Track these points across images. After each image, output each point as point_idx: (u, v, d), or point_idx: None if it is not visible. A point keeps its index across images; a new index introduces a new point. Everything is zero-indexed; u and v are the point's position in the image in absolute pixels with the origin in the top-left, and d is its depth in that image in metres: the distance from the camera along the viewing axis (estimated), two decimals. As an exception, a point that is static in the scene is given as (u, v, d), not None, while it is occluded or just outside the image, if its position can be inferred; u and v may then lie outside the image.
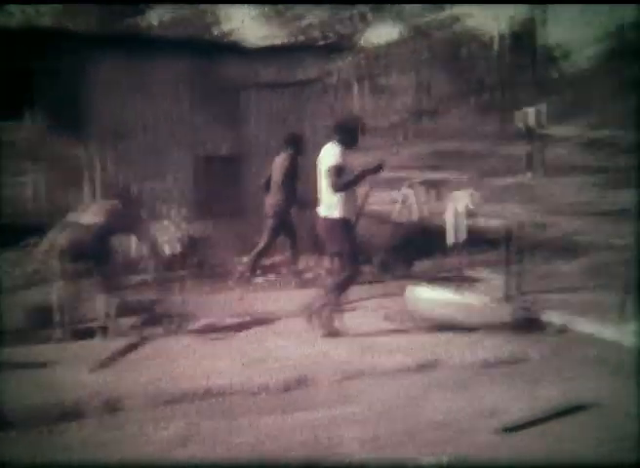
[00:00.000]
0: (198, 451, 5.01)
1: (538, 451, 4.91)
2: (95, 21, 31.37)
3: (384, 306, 9.06)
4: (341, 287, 7.94)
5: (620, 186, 22.86)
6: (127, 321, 8.17)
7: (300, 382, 6.37)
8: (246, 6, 58.73)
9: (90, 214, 8.02)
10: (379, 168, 8.14)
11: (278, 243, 11.19)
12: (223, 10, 60.02)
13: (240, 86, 12.18)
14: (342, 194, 7.74)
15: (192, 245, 11.48)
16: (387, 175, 25.97)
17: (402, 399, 5.89)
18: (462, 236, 9.79)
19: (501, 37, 56.85)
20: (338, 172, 7.66)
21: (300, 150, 10.81)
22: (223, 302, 9.38)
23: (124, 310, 8.31)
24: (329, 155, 7.83)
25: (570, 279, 10.75)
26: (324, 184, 7.85)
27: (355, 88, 68.53)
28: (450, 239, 10.07)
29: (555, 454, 4.87)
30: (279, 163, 10.67)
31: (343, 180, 7.70)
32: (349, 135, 7.97)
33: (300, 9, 60.70)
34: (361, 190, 8.49)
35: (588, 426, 5.27)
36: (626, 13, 68.04)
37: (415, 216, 16.49)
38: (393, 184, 22.08)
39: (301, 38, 57.10)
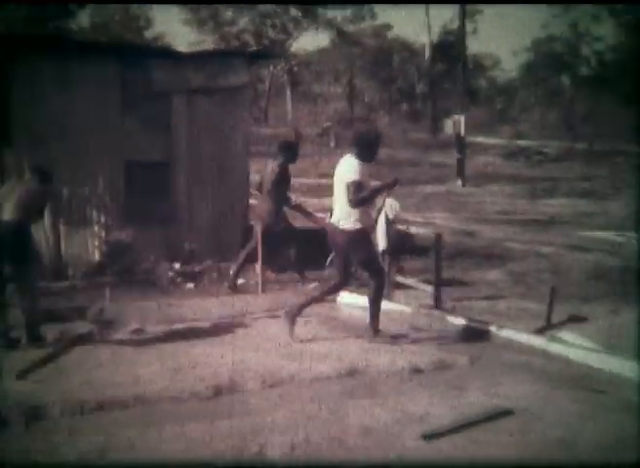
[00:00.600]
0: (124, 459, 4.95)
1: (463, 457, 4.95)
2: (21, 23, 30.90)
3: (316, 313, 9.06)
4: (375, 298, 7.98)
5: (548, 195, 23.29)
6: (53, 327, 8.04)
7: (230, 389, 6.34)
8: (177, 10, 58.53)
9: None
10: (395, 182, 8.16)
11: (207, 249, 11.16)
12: (155, 14, 59.63)
13: (171, 91, 12.10)
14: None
15: (121, 250, 11.37)
16: (319, 182, 26.11)
17: (330, 405, 5.89)
18: (390, 242, 9.85)
19: (432, 46, 57.45)
20: (357, 188, 7.62)
21: (292, 158, 10.82)
22: (153, 308, 9.29)
23: (50, 316, 8.19)
24: (348, 170, 7.78)
25: (497, 286, 10.89)
26: (341, 197, 7.79)
27: (288, 94, 68.67)
28: (380, 245, 10.12)
29: (480, 460, 4.91)
30: (270, 169, 10.67)
31: (362, 196, 7.67)
32: (368, 149, 7.92)
33: (231, 13, 60.63)
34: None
35: (514, 432, 5.32)
36: (554, 23, 69.30)
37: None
38: (325, 191, 22.20)
39: (233, 43, 57.12)
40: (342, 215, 7.78)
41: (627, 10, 63.92)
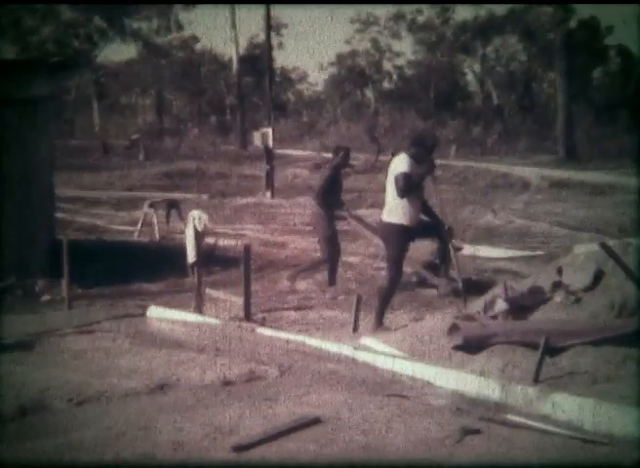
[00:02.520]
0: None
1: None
2: None
3: (124, 328, 8.95)
4: (381, 294, 8.77)
5: (354, 206, 23.84)
6: None
7: (35, 408, 6.17)
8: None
9: None
10: (432, 166, 9.02)
11: (10, 265, 10.80)
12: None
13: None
14: (406, 202, 8.49)
15: None
16: (127, 195, 25.75)
17: (140, 421, 5.83)
18: (200, 255, 9.85)
19: (240, 59, 57.75)
20: (405, 178, 8.41)
21: (345, 162, 10.78)
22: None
23: None
24: (397, 165, 8.55)
25: (306, 296, 11.07)
26: (388, 191, 8.56)
27: (95, 106, 67.26)
28: (190, 258, 10.09)
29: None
30: (321, 172, 10.59)
31: (409, 182, 8.45)
32: (423, 150, 8.73)
33: (34, 22, 58.86)
34: None
35: (323, 439, 5.43)
36: (357, 39, 71.16)
37: (156, 236, 16.46)
38: (133, 204, 21.92)
39: (36, 53, 55.42)
40: (385, 209, 8.68)
41: (423, 27, 66.56)
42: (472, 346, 7.19)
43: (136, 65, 70.99)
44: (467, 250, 15.01)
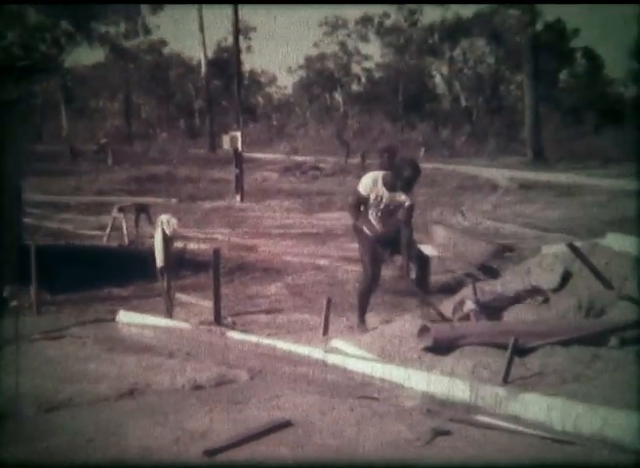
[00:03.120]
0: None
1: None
2: None
3: (93, 333, 8.91)
4: (357, 299, 9.06)
5: (324, 209, 23.91)
6: None
7: (4, 415, 6.10)
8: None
9: None
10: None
11: None
12: None
13: None
14: (369, 214, 8.90)
15: None
16: (96, 200, 25.61)
17: (110, 426, 5.80)
18: (169, 259, 9.82)
19: (208, 62, 57.65)
20: (354, 195, 8.96)
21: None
22: None
23: None
24: (362, 180, 8.96)
25: (276, 299, 11.07)
26: None
27: (62, 109, 66.87)
28: (159, 262, 10.05)
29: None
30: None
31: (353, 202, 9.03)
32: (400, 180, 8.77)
33: None
34: None
35: (293, 443, 5.43)
36: (325, 42, 71.29)
37: (125, 240, 16.39)
38: (102, 209, 21.81)
39: (2, 57, 54.99)
40: None
41: (390, 30, 66.81)
42: (442, 347, 7.22)
43: (103, 69, 70.78)
44: (434, 251, 15.08)
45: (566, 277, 8.06)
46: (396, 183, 8.73)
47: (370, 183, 8.82)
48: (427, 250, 10.29)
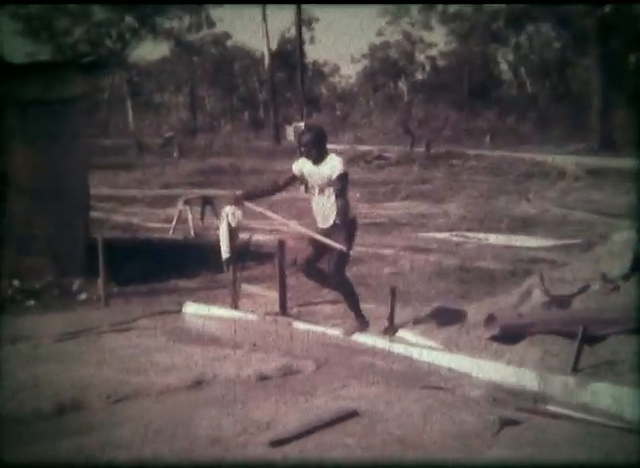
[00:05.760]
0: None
1: (311, 462, 5.01)
2: None
3: (161, 324, 8.99)
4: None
5: (388, 198, 23.80)
6: None
7: (74, 406, 6.21)
8: (9, 20, 56.87)
9: None
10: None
11: (47, 265, 10.90)
12: (-14, 24, 57.73)
13: (2, 103, 11.72)
14: None
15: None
16: (162, 193, 25.85)
17: (177, 417, 5.85)
18: (235, 250, 9.84)
19: (271, 54, 57.78)
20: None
21: None
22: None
23: None
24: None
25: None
26: None
27: (128, 104, 67.71)
28: (224, 254, 10.09)
29: (329, 463, 4.98)
30: None
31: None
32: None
33: (66, 23, 59.37)
34: None
35: (359, 433, 5.42)
36: (388, 30, 70.98)
37: (191, 232, 16.52)
38: (168, 201, 22.02)
39: (69, 53, 55.88)
40: None
41: (454, 17, 66.19)
42: (509, 336, 7.14)
43: (168, 63, 71.45)
44: (503, 239, 14.95)
45: (636, 264, 7.89)
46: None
47: (299, 163, 8.40)
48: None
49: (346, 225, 8.03)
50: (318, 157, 8.16)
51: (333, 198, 8.05)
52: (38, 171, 11.92)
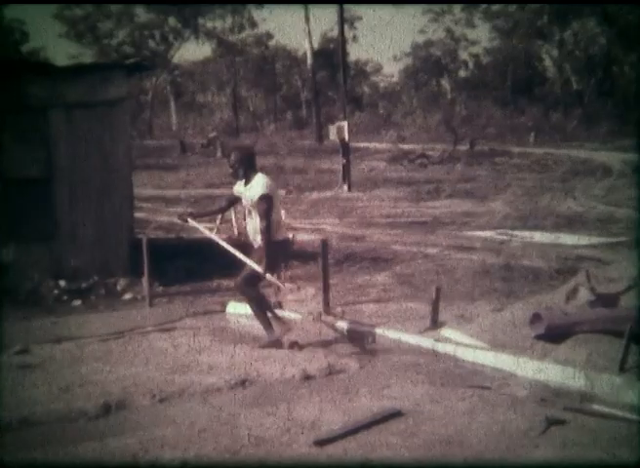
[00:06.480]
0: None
1: (354, 461, 5.00)
2: None
3: (205, 324, 9.03)
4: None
5: (432, 197, 23.68)
6: None
7: (120, 405, 6.25)
8: (55, 24, 57.68)
9: None
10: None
11: (92, 265, 11.02)
12: (30, 28, 58.47)
13: (47, 105, 11.83)
14: None
15: (0, 270, 11.08)
16: (205, 193, 25.98)
17: (221, 416, 5.86)
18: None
19: (314, 53, 57.79)
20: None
21: None
22: (37, 328, 9.10)
23: None
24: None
25: (385, 288, 11.01)
26: None
27: (172, 105, 68.18)
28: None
29: (372, 462, 4.96)
30: None
31: None
32: None
33: (110, 25, 59.96)
34: None
35: (404, 432, 5.39)
36: (431, 28, 70.71)
37: (235, 232, 16.56)
38: (211, 201, 22.07)
39: (113, 56, 56.38)
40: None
41: (498, 14, 65.69)
42: (555, 335, 7.06)
43: (211, 64, 71.74)
44: (548, 237, 14.81)
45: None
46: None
47: (238, 184, 8.30)
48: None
49: (270, 247, 7.92)
50: (244, 177, 8.13)
51: (257, 219, 7.99)
52: (83, 172, 12.04)
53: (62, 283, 11.21)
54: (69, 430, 5.81)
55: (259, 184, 8.00)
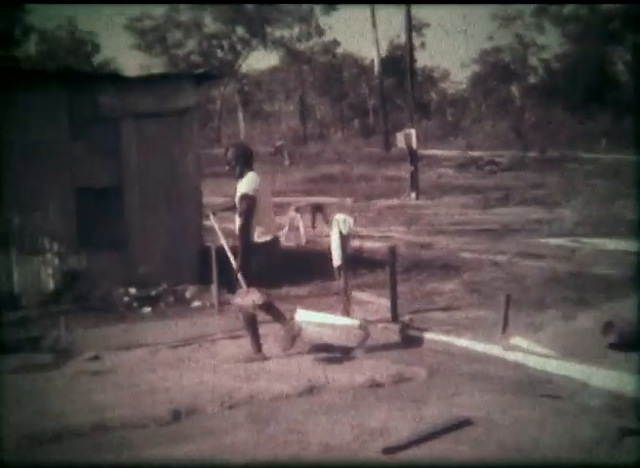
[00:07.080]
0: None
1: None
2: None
3: (273, 331, 9.05)
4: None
5: (501, 204, 23.47)
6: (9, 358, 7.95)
7: (189, 412, 6.30)
8: (125, 35, 58.64)
9: None
10: None
11: (162, 272, 11.14)
12: (102, 39, 59.51)
13: (119, 115, 12.03)
14: None
15: (73, 278, 11.27)
16: (273, 200, 25.95)
17: (290, 423, 5.87)
18: (346, 258, 9.84)
19: (381, 61, 57.72)
20: None
21: None
22: (109, 335, 9.23)
23: (4, 347, 8.09)
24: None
25: (453, 296, 10.94)
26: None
27: (240, 113, 68.66)
28: (336, 261, 10.12)
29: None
30: None
31: None
32: None
33: (179, 35, 60.71)
34: None
35: (473, 441, 5.34)
36: (499, 34, 70.10)
37: (302, 240, 16.62)
38: (279, 209, 22.17)
39: (182, 65, 57.10)
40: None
41: (568, 19, 64.87)
42: (628, 344, 6.93)
43: (279, 73, 72.07)
44: (620, 245, 14.57)
45: None
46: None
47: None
48: None
49: (245, 246, 8.06)
50: (240, 175, 8.26)
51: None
52: (153, 181, 12.21)
53: (133, 290, 11.36)
54: (140, 435, 5.86)
55: (244, 183, 8.15)
